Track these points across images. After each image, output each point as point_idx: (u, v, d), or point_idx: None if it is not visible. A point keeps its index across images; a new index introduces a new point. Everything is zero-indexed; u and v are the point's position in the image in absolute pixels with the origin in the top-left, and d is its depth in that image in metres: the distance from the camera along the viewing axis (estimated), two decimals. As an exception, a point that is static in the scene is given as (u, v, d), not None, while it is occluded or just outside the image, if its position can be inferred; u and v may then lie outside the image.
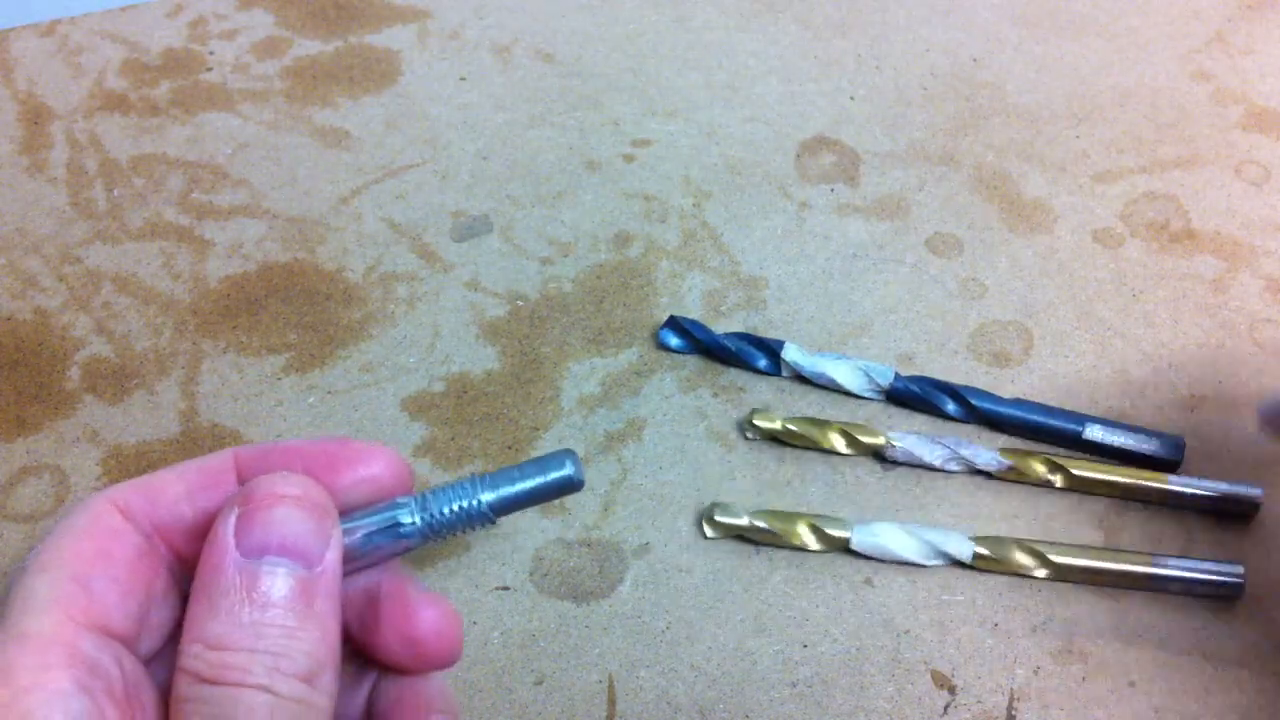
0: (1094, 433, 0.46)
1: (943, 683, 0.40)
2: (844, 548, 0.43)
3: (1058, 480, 0.45)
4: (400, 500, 0.28)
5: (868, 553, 0.42)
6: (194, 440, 0.46)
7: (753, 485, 0.45)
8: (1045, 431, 0.46)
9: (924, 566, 0.43)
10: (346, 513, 0.27)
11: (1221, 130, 0.60)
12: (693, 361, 0.49)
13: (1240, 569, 0.42)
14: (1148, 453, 0.45)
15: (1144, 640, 0.41)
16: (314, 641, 0.24)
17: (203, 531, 0.27)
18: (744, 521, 0.43)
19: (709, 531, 0.43)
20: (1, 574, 0.43)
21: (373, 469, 0.27)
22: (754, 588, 0.43)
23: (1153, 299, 0.52)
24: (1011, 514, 0.45)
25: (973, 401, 0.47)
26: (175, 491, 0.27)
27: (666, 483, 0.45)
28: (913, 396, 0.47)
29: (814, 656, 0.41)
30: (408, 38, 0.64)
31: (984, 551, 0.42)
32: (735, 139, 0.59)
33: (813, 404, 0.48)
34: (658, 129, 0.60)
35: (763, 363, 0.48)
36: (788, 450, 0.46)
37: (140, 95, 0.61)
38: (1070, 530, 0.44)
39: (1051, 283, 0.52)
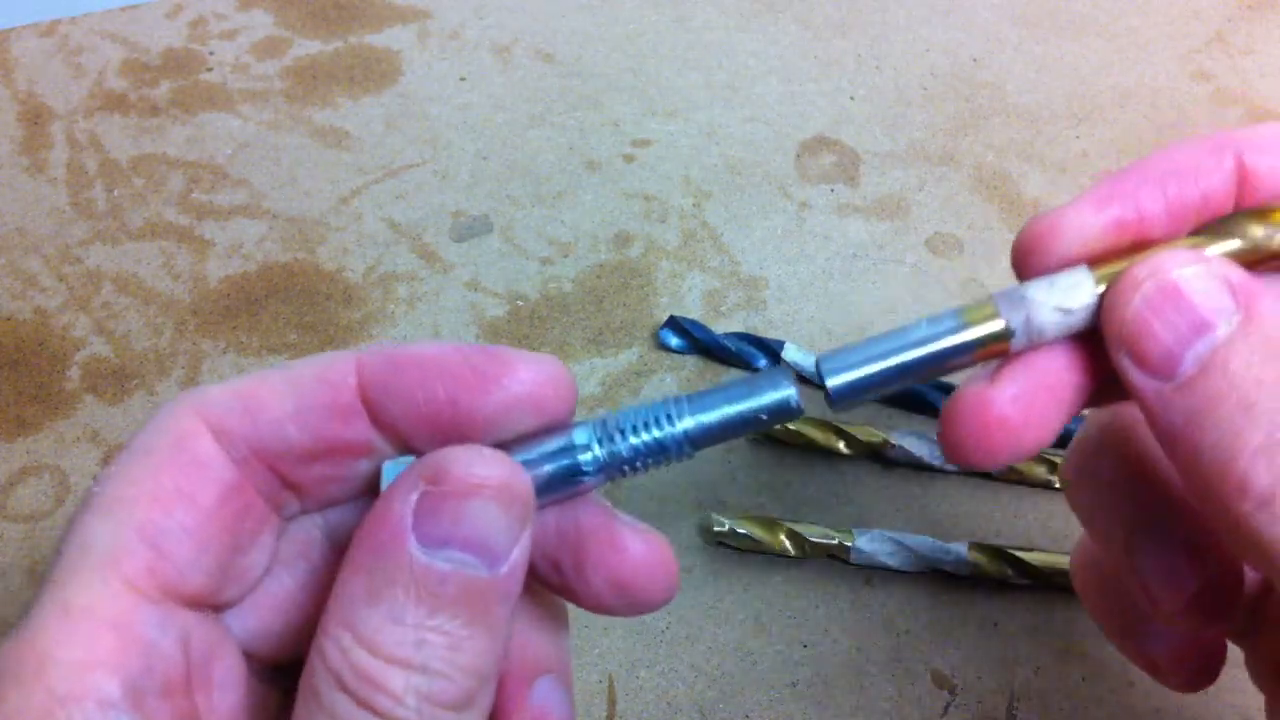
0: None
1: (943, 683, 0.40)
2: (825, 555, 0.43)
3: (1058, 480, 0.45)
4: (577, 430, 0.23)
5: (863, 563, 0.42)
6: (194, 440, 0.46)
7: (753, 486, 0.45)
8: None
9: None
10: (506, 445, 0.23)
11: (1221, 130, 0.60)
12: (693, 361, 0.49)
13: None
14: None
15: (1144, 640, 0.41)
16: (479, 653, 0.20)
17: (312, 456, 0.23)
18: (726, 529, 0.43)
19: (705, 540, 0.43)
20: (1, 575, 0.43)
21: (529, 386, 0.22)
22: (754, 588, 0.43)
23: (1153, 299, 0.52)
24: (1011, 514, 0.45)
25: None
26: (282, 408, 0.23)
27: (667, 483, 0.45)
28: (913, 396, 0.47)
29: (814, 656, 0.41)
30: (408, 38, 0.64)
31: (980, 562, 0.42)
32: (735, 139, 0.59)
33: (813, 404, 0.48)
34: (658, 129, 0.60)
35: (763, 363, 0.48)
36: (788, 450, 0.46)
37: (140, 95, 0.61)
38: (1070, 530, 0.44)
39: (1051, 283, 0.52)
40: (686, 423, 0.23)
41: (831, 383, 0.24)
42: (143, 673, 0.20)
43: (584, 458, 0.23)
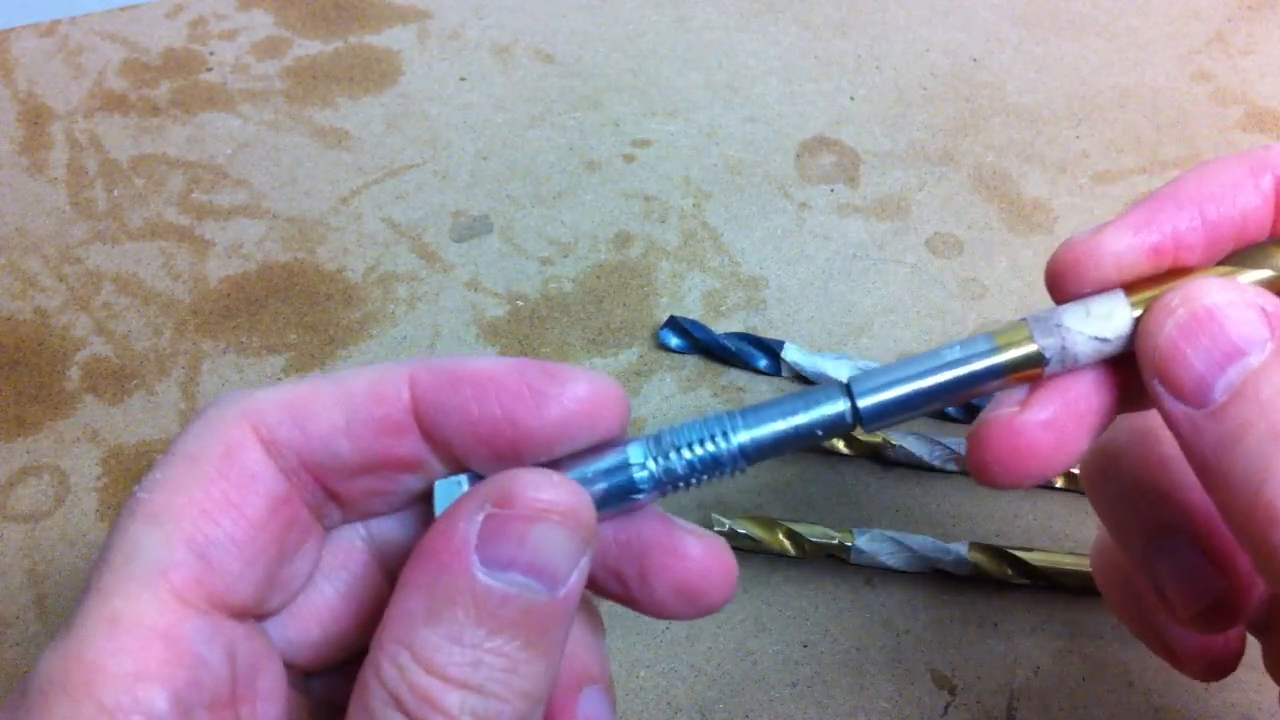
0: None
1: (943, 683, 0.40)
2: (825, 555, 0.43)
3: (1058, 480, 0.45)
4: (632, 448, 0.23)
5: (863, 563, 0.42)
6: (194, 440, 0.46)
7: (753, 486, 0.45)
8: None
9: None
10: (560, 462, 0.23)
11: (1221, 130, 0.60)
12: (693, 361, 0.49)
13: None
14: None
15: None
16: (536, 677, 0.20)
17: (361, 470, 0.23)
18: (726, 529, 0.43)
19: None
20: (1, 575, 0.43)
21: (585, 403, 0.22)
22: (754, 588, 0.43)
23: (1153, 299, 0.52)
24: (1011, 514, 0.45)
25: (973, 401, 0.47)
26: (332, 421, 0.22)
27: (666, 483, 0.45)
28: None
29: (814, 656, 0.41)
30: (408, 38, 0.64)
31: (980, 562, 0.42)
32: (735, 139, 0.59)
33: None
34: (658, 129, 0.60)
35: (763, 363, 0.48)
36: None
37: (140, 95, 0.61)
38: (1069, 530, 0.44)
39: (1051, 283, 0.52)
40: (741, 438, 0.23)
41: (864, 404, 0.24)
42: (190, 686, 0.20)
43: (639, 475, 0.23)
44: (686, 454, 0.23)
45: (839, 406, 0.23)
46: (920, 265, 0.53)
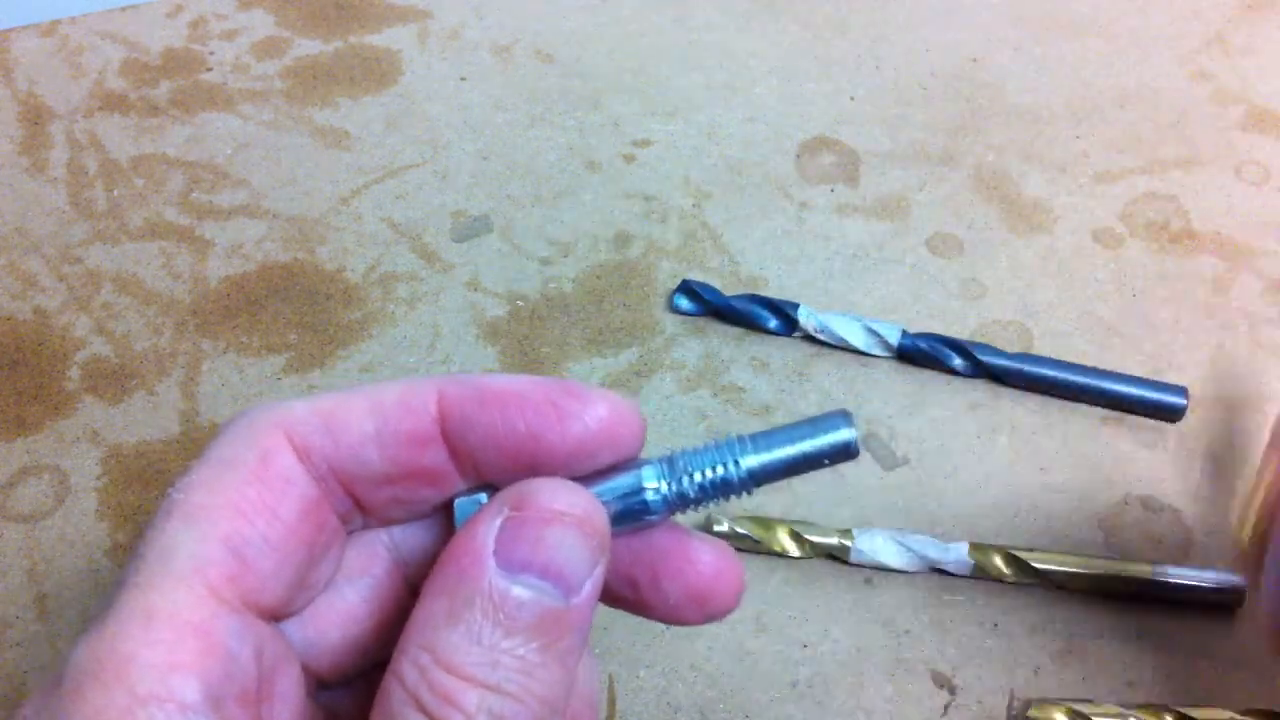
0: (1099, 384, 0.47)
1: (943, 683, 0.40)
2: (826, 554, 0.43)
3: (1058, 480, 0.45)
4: (646, 470, 0.24)
5: (863, 563, 0.42)
6: (194, 441, 0.46)
7: (753, 485, 0.45)
8: (1049, 386, 0.47)
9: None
10: (578, 480, 0.23)
11: (1221, 130, 0.60)
12: (693, 361, 0.49)
13: (1241, 579, 0.41)
14: (1153, 400, 0.47)
15: (1144, 641, 0.41)
16: (551, 684, 0.21)
17: (387, 480, 0.24)
18: (725, 528, 0.43)
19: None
20: (1, 575, 0.43)
21: (606, 422, 0.23)
22: (754, 588, 0.43)
23: (1153, 299, 0.52)
24: (1011, 514, 0.45)
25: (979, 357, 0.47)
26: (362, 430, 0.23)
27: (666, 483, 0.45)
28: (920, 354, 0.48)
29: (814, 656, 0.41)
30: (408, 38, 0.64)
31: (980, 562, 0.42)
32: (735, 139, 0.59)
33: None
34: (658, 129, 0.60)
35: (773, 324, 0.49)
36: (788, 450, 0.46)
37: (140, 95, 0.61)
38: (1070, 530, 0.44)
39: (1051, 283, 0.52)
40: (750, 462, 0.24)
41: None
42: (222, 679, 0.20)
43: (652, 498, 0.24)
44: (698, 477, 0.24)
45: (845, 435, 0.24)
46: (920, 265, 0.53)
